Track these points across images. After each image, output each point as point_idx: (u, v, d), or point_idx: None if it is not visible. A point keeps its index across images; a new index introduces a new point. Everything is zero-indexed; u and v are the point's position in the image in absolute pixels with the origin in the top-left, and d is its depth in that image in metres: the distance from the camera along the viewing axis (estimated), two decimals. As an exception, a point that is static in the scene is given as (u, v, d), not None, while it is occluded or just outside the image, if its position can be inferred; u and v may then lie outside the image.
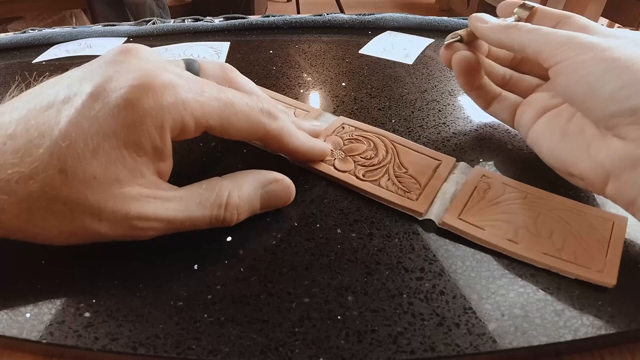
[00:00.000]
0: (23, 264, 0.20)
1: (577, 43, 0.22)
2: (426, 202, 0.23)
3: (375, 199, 0.24)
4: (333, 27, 0.48)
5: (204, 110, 0.19)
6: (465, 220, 0.22)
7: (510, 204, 0.23)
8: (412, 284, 0.19)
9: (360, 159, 0.26)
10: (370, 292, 0.19)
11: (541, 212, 0.22)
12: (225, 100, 0.20)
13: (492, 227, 0.21)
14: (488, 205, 0.23)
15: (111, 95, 0.17)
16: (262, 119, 0.21)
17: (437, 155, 0.26)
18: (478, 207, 0.23)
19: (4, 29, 1.24)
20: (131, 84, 0.18)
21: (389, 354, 0.17)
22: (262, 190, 0.21)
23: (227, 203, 0.20)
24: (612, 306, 0.18)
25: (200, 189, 0.20)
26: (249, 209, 0.21)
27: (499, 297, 0.19)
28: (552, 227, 0.21)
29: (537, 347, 0.17)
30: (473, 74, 0.28)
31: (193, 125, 0.19)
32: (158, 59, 0.20)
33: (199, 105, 0.19)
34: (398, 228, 0.22)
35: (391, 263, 0.20)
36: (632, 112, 0.19)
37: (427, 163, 0.26)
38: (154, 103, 0.18)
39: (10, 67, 0.40)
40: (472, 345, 0.17)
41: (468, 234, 0.21)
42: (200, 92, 0.19)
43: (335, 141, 0.27)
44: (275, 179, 0.22)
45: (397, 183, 0.24)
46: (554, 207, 0.22)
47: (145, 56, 0.20)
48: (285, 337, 0.17)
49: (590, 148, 0.22)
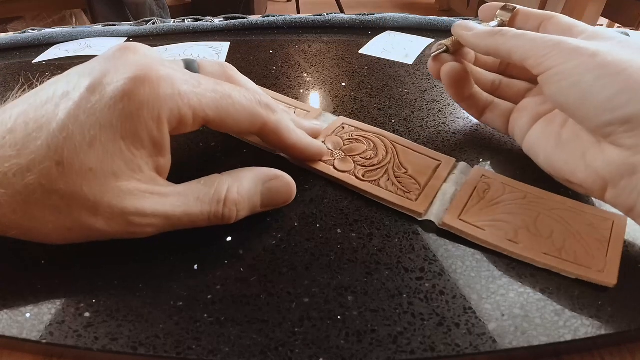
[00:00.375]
0: (23, 264, 0.20)
1: (565, 49, 0.21)
2: (426, 202, 0.23)
3: (375, 200, 0.24)
4: (333, 27, 0.48)
5: (201, 101, 0.19)
6: (465, 221, 0.22)
7: (510, 204, 0.23)
8: (412, 284, 0.19)
9: (360, 159, 0.26)
10: (370, 292, 0.19)
11: (541, 212, 0.22)
12: (222, 92, 0.20)
13: (492, 227, 0.21)
14: (488, 206, 0.23)
15: (108, 88, 0.17)
16: (260, 110, 0.21)
17: (437, 155, 0.26)
18: (478, 208, 0.23)
19: (4, 29, 1.24)
20: (128, 76, 0.18)
21: (389, 354, 0.17)
22: (262, 187, 0.21)
23: (226, 198, 0.20)
24: (612, 306, 0.18)
25: (199, 185, 0.20)
26: (248, 205, 0.21)
27: (499, 297, 0.19)
28: (552, 227, 0.21)
29: (537, 347, 0.17)
30: (463, 85, 0.28)
31: (191, 117, 0.19)
32: (156, 56, 0.20)
33: (196, 97, 0.19)
34: (398, 228, 0.22)
35: (391, 263, 0.20)
36: (625, 121, 0.19)
37: (427, 163, 0.26)
38: (151, 94, 0.18)
39: (10, 67, 0.40)
40: (472, 345, 0.17)
41: (468, 235, 0.21)
42: (197, 84, 0.20)
43: (335, 141, 0.27)
44: (276, 175, 0.22)
45: (396, 183, 0.24)
46: (554, 207, 0.22)
47: (144, 53, 0.20)
48: (285, 337, 0.17)
49: (586, 156, 0.21)
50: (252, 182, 0.21)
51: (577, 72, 0.20)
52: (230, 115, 0.20)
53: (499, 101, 0.28)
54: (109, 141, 0.17)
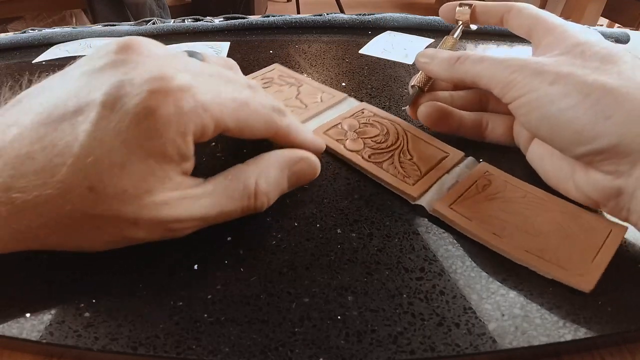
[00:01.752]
0: (23, 264, 0.20)
1: (528, 74, 0.21)
2: (422, 188, 0.23)
3: (374, 179, 0.25)
4: (333, 27, 0.48)
5: (222, 112, 0.19)
6: (455, 210, 0.22)
7: (507, 201, 0.23)
8: (412, 284, 0.19)
9: (370, 142, 0.27)
10: (370, 292, 0.19)
11: (537, 213, 0.22)
12: (241, 101, 0.20)
13: (481, 219, 0.22)
14: (484, 200, 0.23)
15: (127, 104, 0.16)
16: (275, 117, 0.21)
17: (446, 147, 0.27)
18: (473, 200, 0.23)
19: (4, 29, 1.24)
20: (147, 89, 0.17)
21: (389, 354, 0.17)
22: (289, 172, 0.21)
23: (257, 192, 0.20)
24: (612, 306, 0.18)
25: (227, 181, 0.20)
26: (278, 192, 0.21)
27: (499, 297, 0.19)
28: (543, 228, 0.21)
29: (537, 347, 0.17)
30: (447, 119, 0.27)
31: (212, 128, 0.19)
32: (162, 53, 0.19)
33: (218, 107, 0.19)
34: (398, 228, 0.22)
35: (391, 263, 0.20)
36: (600, 152, 0.19)
37: (434, 154, 0.26)
38: (175, 110, 0.17)
39: (10, 67, 0.40)
40: (472, 345, 0.17)
41: (455, 223, 0.22)
42: (217, 92, 0.19)
43: (351, 123, 0.29)
44: (300, 157, 0.22)
45: (398, 167, 0.25)
46: (552, 209, 0.22)
47: (149, 52, 0.19)
48: (285, 337, 0.17)
49: (574, 177, 0.21)
50: (278, 169, 0.21)
51: (542, 104, 0.20)
52: (248, 124, 0.20)
53: (493, 124, 0.27)
54: (138, 161, 0.17)
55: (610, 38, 0.49)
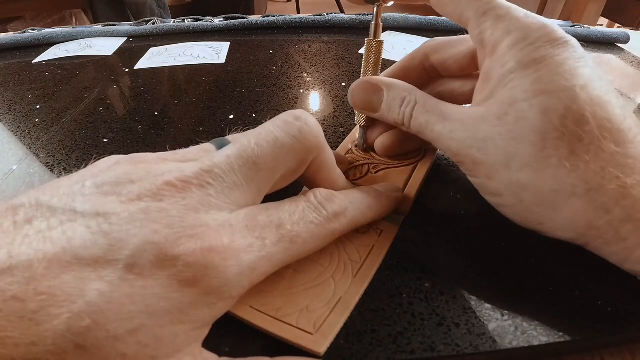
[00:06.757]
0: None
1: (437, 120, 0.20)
2: None
3: None
4: (333, 27, 0.48)
5: (272, 262, 0.16)
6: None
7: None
8: (412, 284, 0.19)
9: None
10: (370, 292, 0.19)
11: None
12: (288, 237, 0.17)
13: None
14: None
15: (158, 273, 0.14)
16: (330, 227, 0.18)
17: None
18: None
19: (4, 29, 1.24)
20: (184, 259, 0.14)
21: (389, 353, 0.17)
22: None
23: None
24: (612, 306, 0.18)
25: None
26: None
27: (499, 297, 0.19)
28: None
29: (537, 347, 0.17)
30: (405, 145, 0.25)
31: (262, 278, 0.17)
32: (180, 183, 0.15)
33: (265, 261, 0.16)
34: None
35: (391, 263, 0.20)
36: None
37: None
38: (219, 282, 0.15)
39: (10, 67, 0.40)
40: (472, 345, 0.17)
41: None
42: (262, 243, 0.16)
43: None
44: None
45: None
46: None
47: (152, 179, 0.15)
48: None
49: None
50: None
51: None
52: (301, 254, 0.18)
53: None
54: (158, 327, 0.14)
55: (610, 38, 0.49)
